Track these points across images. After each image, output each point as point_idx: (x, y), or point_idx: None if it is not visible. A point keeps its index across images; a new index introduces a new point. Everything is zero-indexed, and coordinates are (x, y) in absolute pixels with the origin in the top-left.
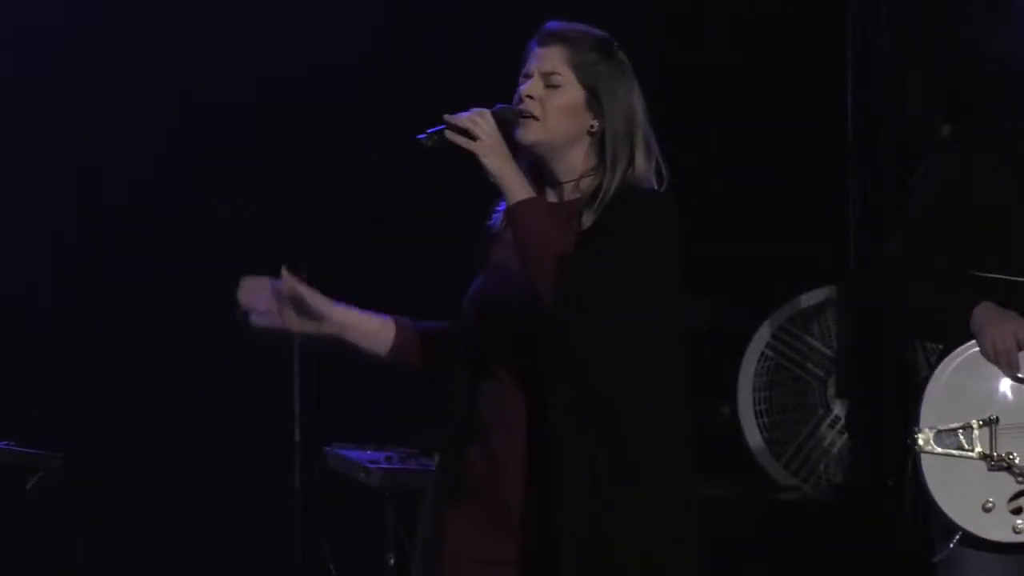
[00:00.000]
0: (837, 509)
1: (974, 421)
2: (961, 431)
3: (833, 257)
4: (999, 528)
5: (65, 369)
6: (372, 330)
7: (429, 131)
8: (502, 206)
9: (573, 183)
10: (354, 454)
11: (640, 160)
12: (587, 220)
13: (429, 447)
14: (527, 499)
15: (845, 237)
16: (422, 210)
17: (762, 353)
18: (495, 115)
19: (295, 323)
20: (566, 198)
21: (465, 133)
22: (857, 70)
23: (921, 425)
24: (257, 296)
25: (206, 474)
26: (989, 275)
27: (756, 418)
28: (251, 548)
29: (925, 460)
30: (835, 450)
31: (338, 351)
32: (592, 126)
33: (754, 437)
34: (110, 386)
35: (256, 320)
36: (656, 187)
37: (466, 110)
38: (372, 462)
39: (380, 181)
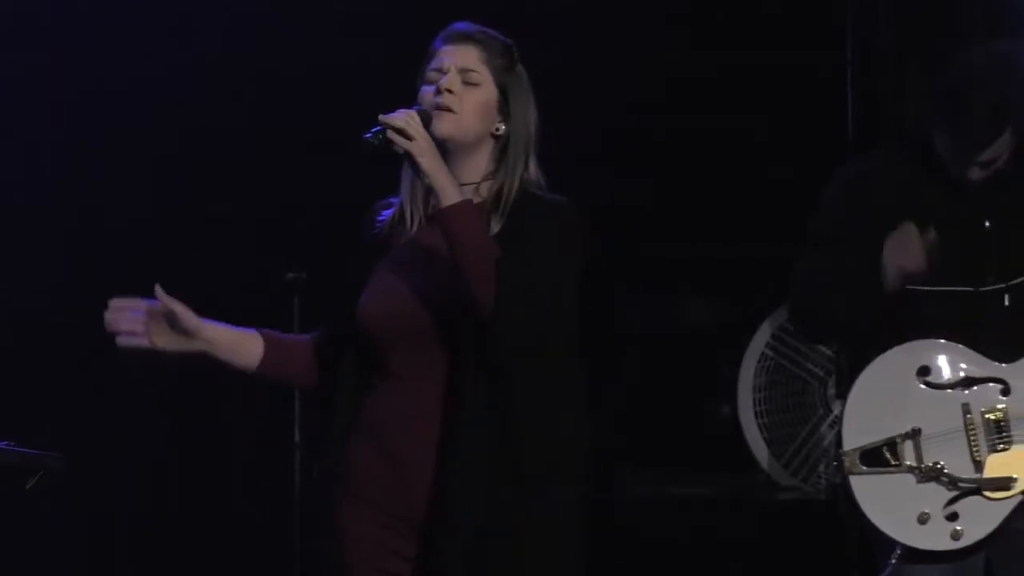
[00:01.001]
0: (837, 509)
1: (897, 436)
2: (886, 447)
3: None
4: (937, 537)
5: (65, 369)
6: (240, 345)
7: (372, 131)
8: (386, 213)
9: (474, 186)
10: None
11: (532, 168)
12: (495, 224)
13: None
14: (429, 496)
15: None
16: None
17: (762, 353)
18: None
19: (164, 341)
20: None
21: (402, 133)
22: (857, 70)
23: (845, 447)
24: (125, 317)
25: (206, 474)
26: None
27: (756, 418)
28: (251, 548)
29: (855, 481)
30: (835, 450)
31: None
32: (498, 128)
33: (754, 437)
34: (110, 386)
35: (121, 341)
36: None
37: (394, 111)
38: None
39: (381, 182)
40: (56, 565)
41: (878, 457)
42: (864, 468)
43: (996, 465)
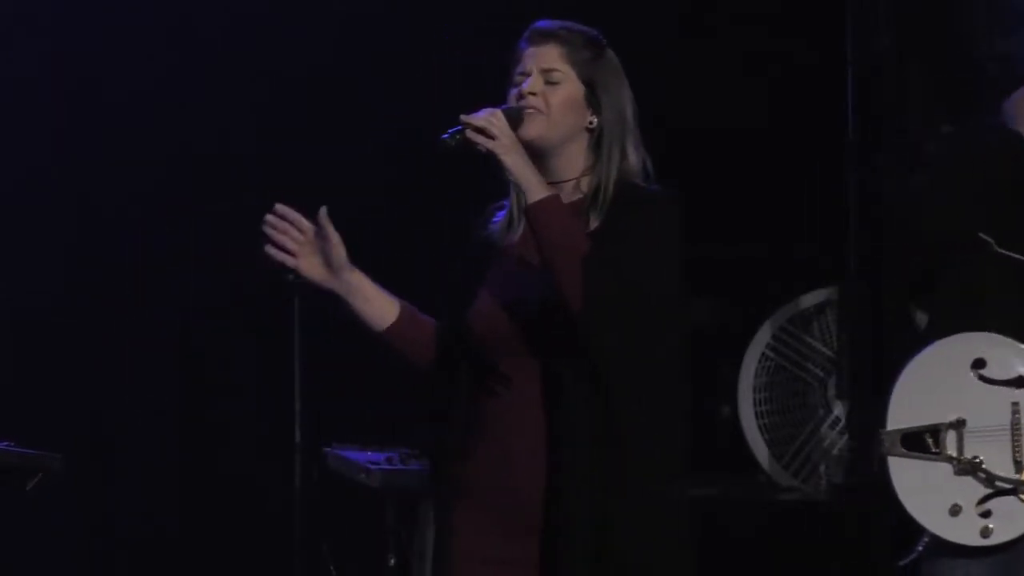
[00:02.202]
0: (837, 510)
1: (941, 423)
2: (928, 433)
3: (833, 257)
4: (966, 531)
5: (65, 369)
6: (378, 303)
7: (451, 131)
8: (499, 215)
9: (574, 182)
10: (354, 454)
11: (631, 155)
12: (594, 220)
13: (425, 449)
14: (542, 499)
15: (845, 237)
16: (426, 212)
17: (762, 354)
18: (504, 114)
19: (309, 266)
20: (568, 199)
21: (483, 132)
22: (857, 70)
23: (888, 426)
24: (284, 228)
25: (206, 474)
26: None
27: (756, 419)
28: (251, 548)
29: (892, 463)
30: (835, 451)
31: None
32: (591, 122)
33: (754, 438)
34: (110, 386)
35: (270, 251)
36: (645, 182)
37: (479, 110)
38: (372, 463)
39: (382, 182)
40: (56, 565)
41: (919, 442)
42: (903, 451)
43: None
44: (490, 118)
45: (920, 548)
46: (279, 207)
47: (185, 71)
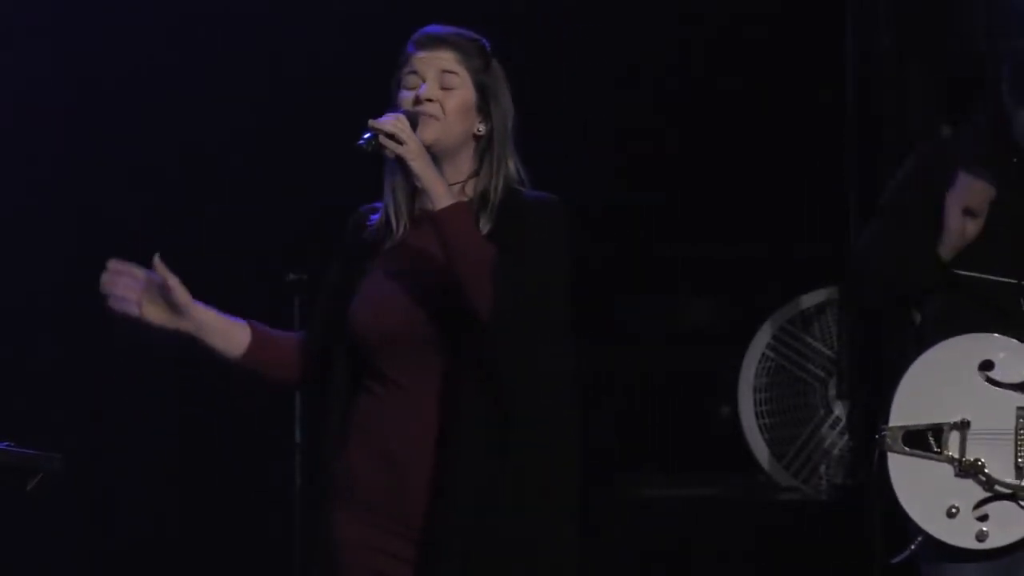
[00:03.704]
0: (837, 510)
1: (944, 423)
2: (931, 432)
3: (833, 257)
4: (962, 534)
5: (65, 369)
6: (228, 333)
7: (365, 136)
8: (374, 217)
9: (459, 186)
10: None
11: (512, 162)
12: (484, 224)
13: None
14: (427, 499)
15: (845, 237)
16: None
17: (763, 354)
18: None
19: (153, 313)
20: None
21: (392, 138)
22: (857, 70)
23: (890, 423)
24: (121, 281)
25: (206, 474)
26: (965, 273)
27: (756, 419)
28: (251, 548)
29: (892, 460)
30: (835, 451)
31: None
32: (478, 129)
33: (754, 438)
34: (110, 386)
35: (112, 304)
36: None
37: (383, 115)
38: None
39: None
40: (56, 565)
41: (921, 440)
42: (905, 448)
43: None
44: (397, 123)
45: (913, 547)
46: (111, 263)
47: (185, 71)
